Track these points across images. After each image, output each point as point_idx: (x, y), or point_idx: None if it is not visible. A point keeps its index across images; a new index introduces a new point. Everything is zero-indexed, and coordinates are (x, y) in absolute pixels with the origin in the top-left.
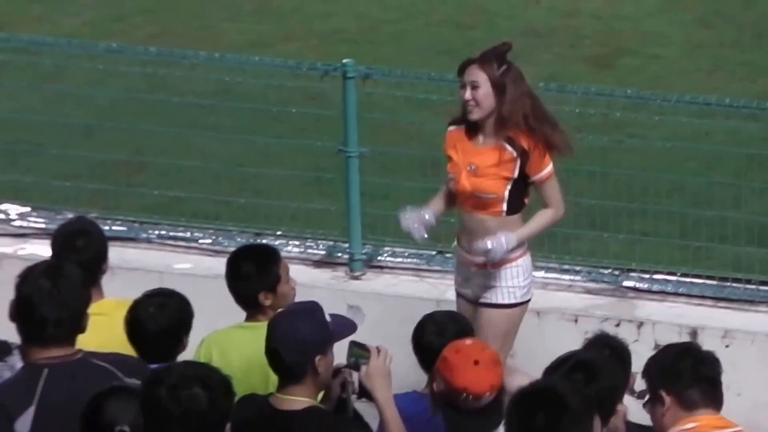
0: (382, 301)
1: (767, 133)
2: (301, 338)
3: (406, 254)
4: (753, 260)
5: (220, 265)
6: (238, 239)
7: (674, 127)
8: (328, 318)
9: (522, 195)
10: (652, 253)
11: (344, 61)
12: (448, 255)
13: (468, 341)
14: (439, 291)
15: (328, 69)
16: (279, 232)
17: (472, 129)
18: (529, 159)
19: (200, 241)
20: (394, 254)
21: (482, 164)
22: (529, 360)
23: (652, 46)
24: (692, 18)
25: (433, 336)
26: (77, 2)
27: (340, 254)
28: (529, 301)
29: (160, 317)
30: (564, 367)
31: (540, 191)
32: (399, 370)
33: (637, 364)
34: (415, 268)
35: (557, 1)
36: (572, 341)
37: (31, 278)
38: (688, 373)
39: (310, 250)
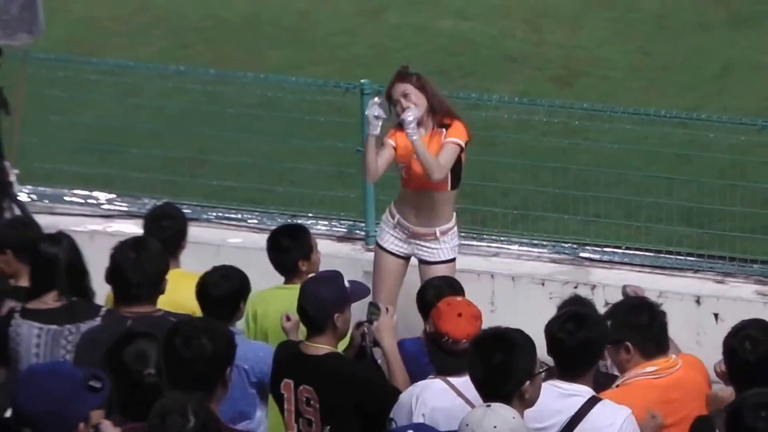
0: None
1: (692, 137)
2: (324, 299)
3: None
4: (681, 237)
5: (264, 240)
6: (279, 219)
7: (620, 133)
8: (347, 284)
9: (459, 171)
10: (603, 231)
11: (361, 81)
12: None
13: (459, 298)
14: None
15: (348, 87)
16: (310, 214)
17: None
18: (449, 129)
19: (249, 221)
20: None
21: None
22: (506, 313)
23: (603, 69)
24: (634, 47)
25: (433, 298)
26: (152, 34)
27: (358, 231)
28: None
29: (222, 285)
30: (561, 317)
31: (441, 152)
32: (405, 320)
33: None
34: None
35: (529, 34)
36: (540, 299)
37: (121, 250)
38: (648, 327)
39: (334, 228)
